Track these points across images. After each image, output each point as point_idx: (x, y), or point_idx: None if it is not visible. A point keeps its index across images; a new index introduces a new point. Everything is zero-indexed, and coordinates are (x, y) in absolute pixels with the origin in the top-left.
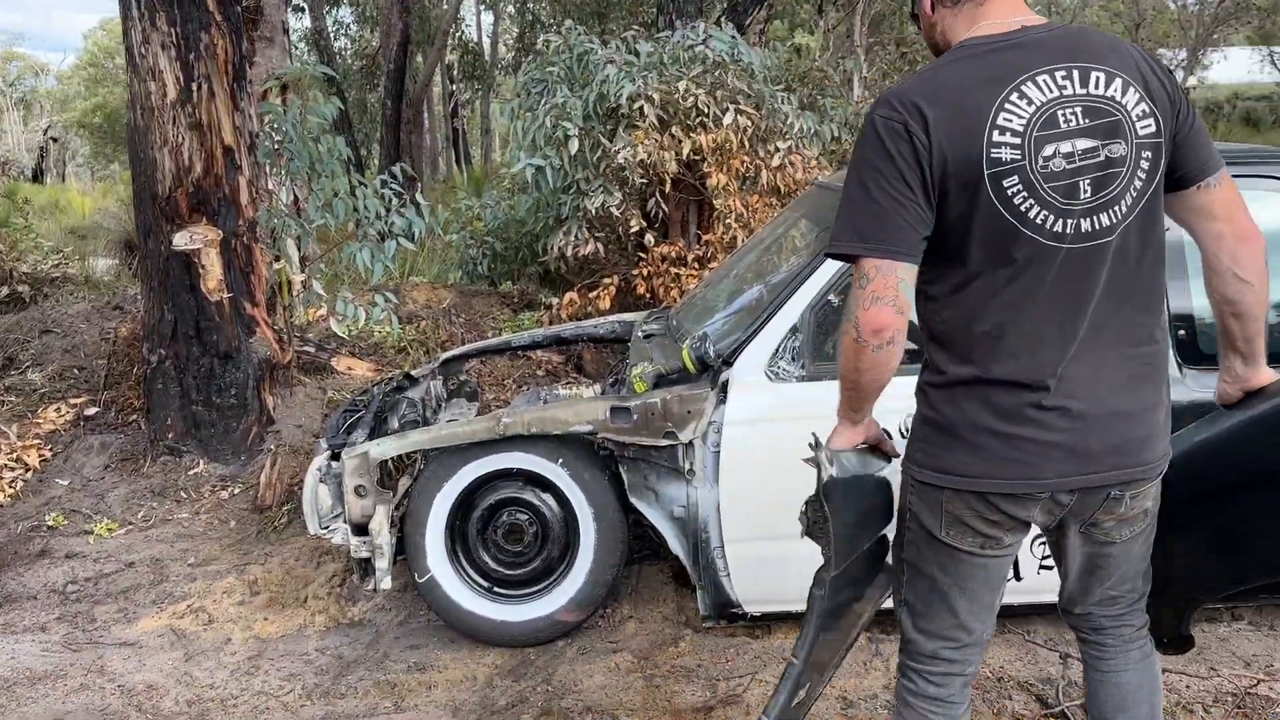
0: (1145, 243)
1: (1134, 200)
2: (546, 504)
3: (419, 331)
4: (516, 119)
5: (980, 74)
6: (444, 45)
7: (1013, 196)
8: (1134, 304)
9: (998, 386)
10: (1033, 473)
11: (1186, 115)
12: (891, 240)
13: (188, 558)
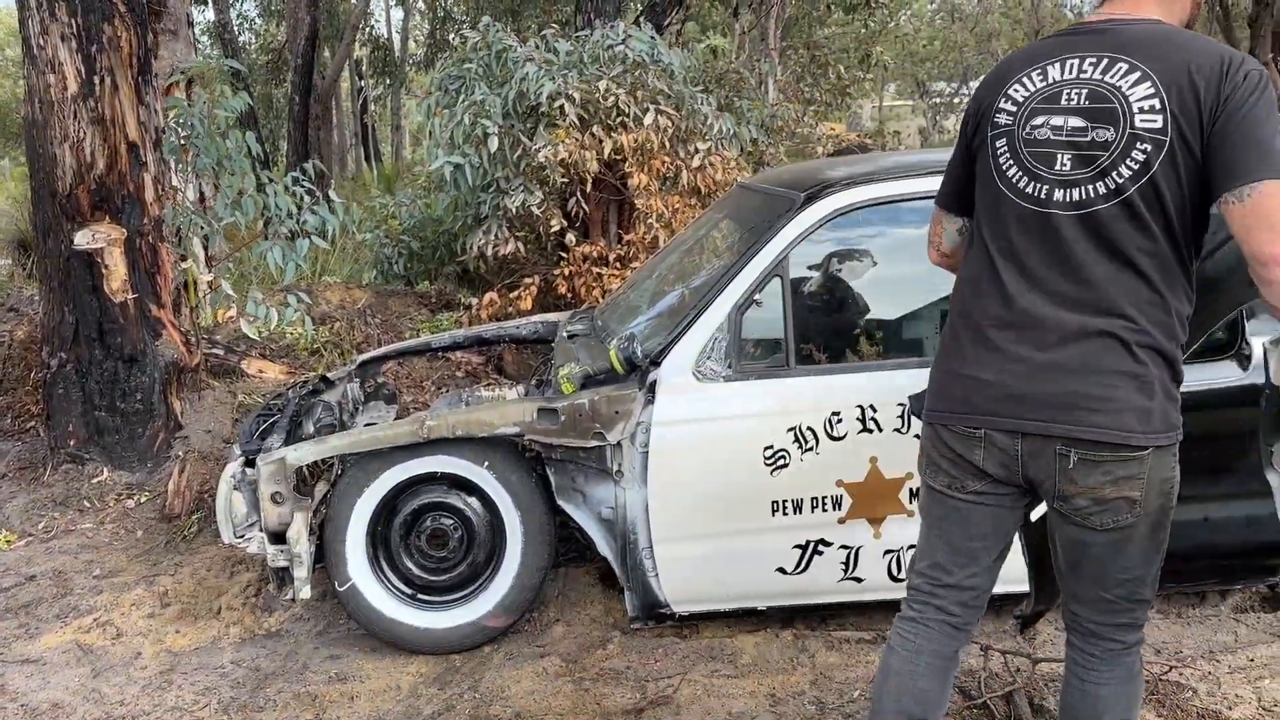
0: (1133, 227)
1: (1118, 185)
2: (472, 508)
3: (333, 333)
4: (433, 116)
5: (1036, 53)
6: (353, 40)
7: (999, 157)
8: (1106, 277)
9: (957, 326)
10: (964, 407)
11: (1223, 122)
12: (942, 190)
13: (93, 569)
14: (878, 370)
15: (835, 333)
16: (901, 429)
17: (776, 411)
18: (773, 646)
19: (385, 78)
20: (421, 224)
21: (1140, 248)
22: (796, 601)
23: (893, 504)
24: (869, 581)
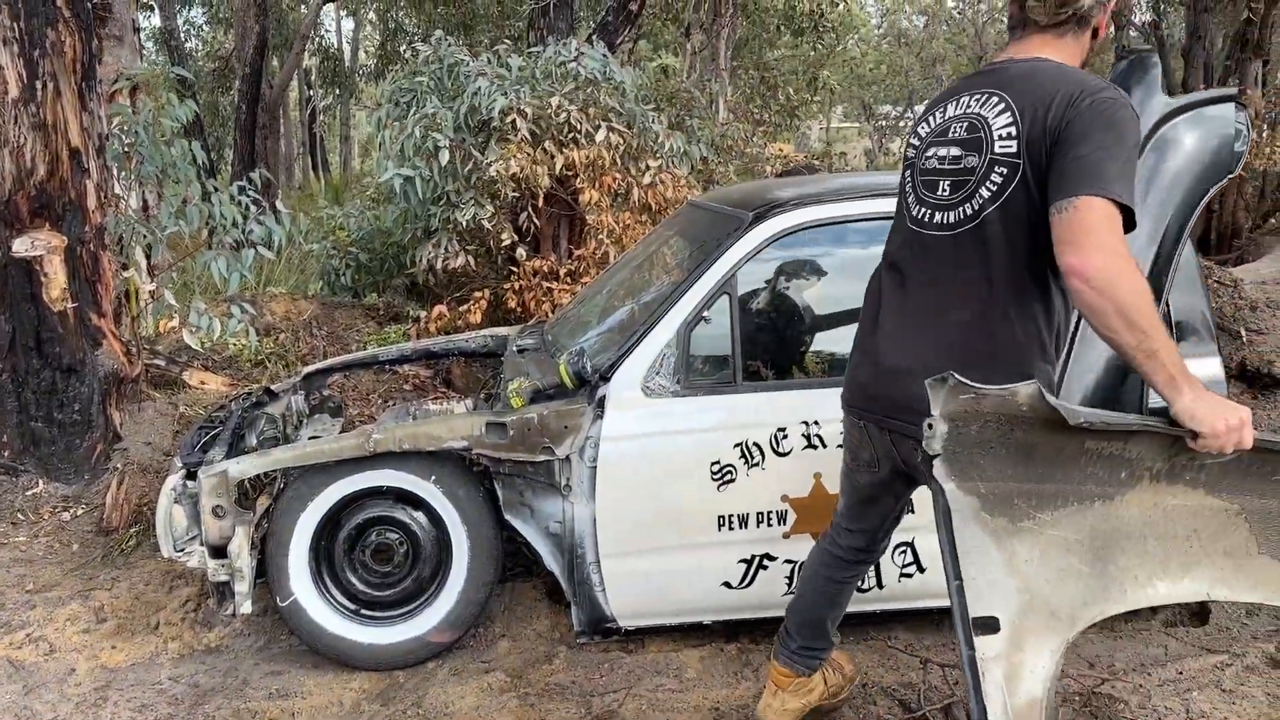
0: (989, 245)
1: (979, 206)
2: (418, 522)
3: (277, 344)
4: (384, 128)
5: (946, 92)
6: (302, 50)
7: (905, 185)
8: (962, 291)
9: (862, 332)
10: (849, 400)
11: (1060, 143)
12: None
13: (25, 584)
14: (822, 387)
15: (781, 350)
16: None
17: (723, 427)
18: (717, 661)
19: (334, 88)
20: (370, 236)
21: (996, 263)
22: (742, 616)
23: None
24: None
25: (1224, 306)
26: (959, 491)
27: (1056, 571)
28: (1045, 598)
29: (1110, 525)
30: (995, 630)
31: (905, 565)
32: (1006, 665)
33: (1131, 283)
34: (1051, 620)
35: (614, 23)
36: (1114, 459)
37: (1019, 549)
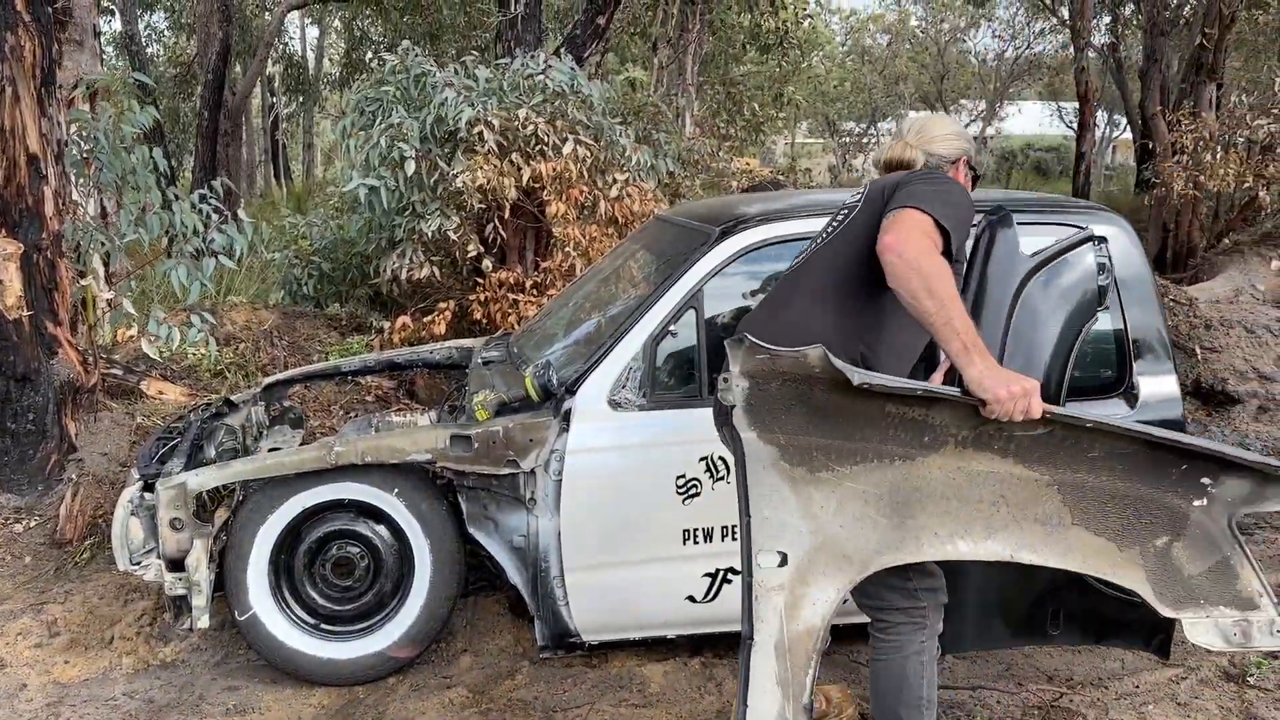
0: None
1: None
2: (379, 536)
3: (237, 355)
4: (349, 137)
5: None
6: (266, 57)
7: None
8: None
9: None
10: None
11: (891, 202)
12: None
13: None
14: None
15: None
16: None
17: (689, 441)
18: (681, 676)
19: (298, 95)
20: (333, 245)
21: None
22: (706, 630)
23: None
24: None
25: (1180, 324)
26: (758, 441)
27: (852, 520)
28: (838, 542)
29: (911, 484)
30: (783, 564)
31: None
32: (789, 595)
33: (934, 261)
34: (843, 562)
35: (582, 36)
36: (916, 423)
37: (815, 496)
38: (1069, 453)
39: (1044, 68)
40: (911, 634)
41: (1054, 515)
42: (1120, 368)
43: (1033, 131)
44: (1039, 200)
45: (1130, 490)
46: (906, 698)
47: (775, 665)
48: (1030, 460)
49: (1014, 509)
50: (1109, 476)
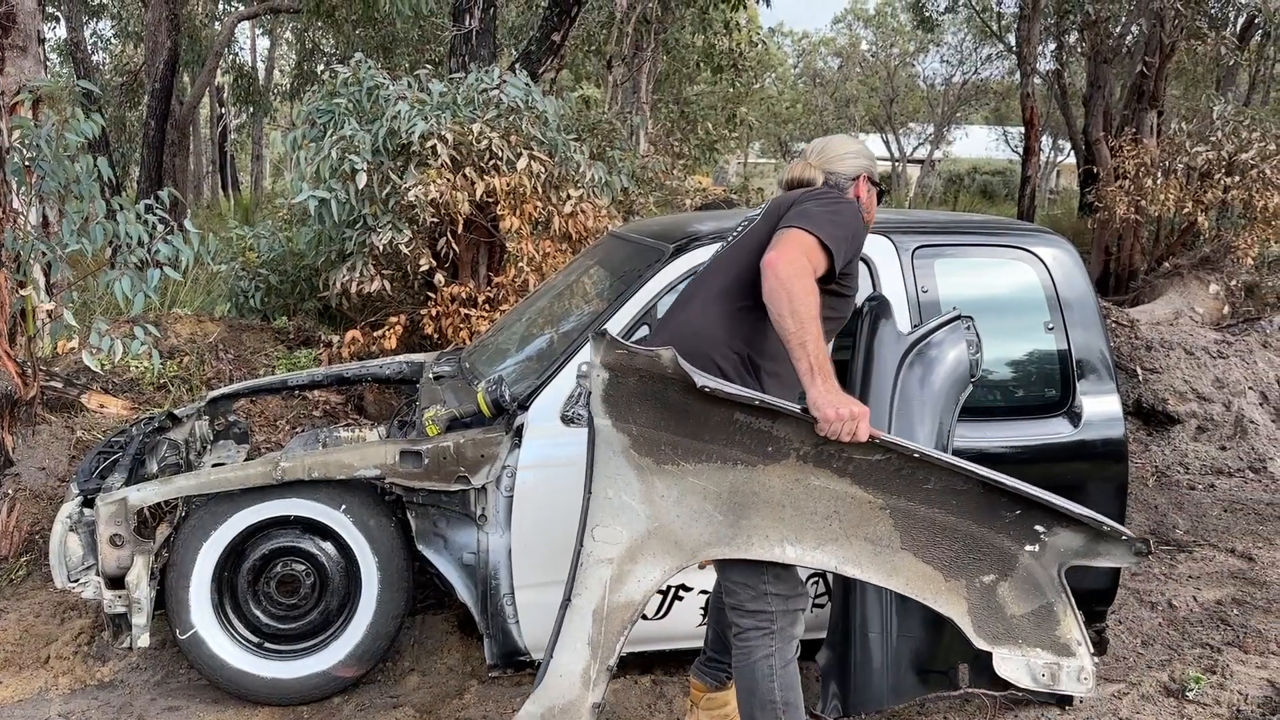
0: (729, 267)
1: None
2: (326, 553)
3: (182, 367)
4: (299, 149)
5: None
6: (215, 67)
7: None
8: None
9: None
10: None
11: (783, 220)
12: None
13: None
14: None
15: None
16: None
17: None
18: (631, 694)
19: (248, 106)
20: (281, 257)
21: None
22: (657, 647)
23: None
24: None
25: (1121, 346)
26: (612, 428)
27: (690, 512)
28: (673, 529)
29: (751, 488)
30: (617, 541)
31: (817, 596)
32: (617, 569)
33: (805, 284)
34: (673, 548)
35: (537, 52)
36: (761, 433)
37: (658, 485)
38: (905, 482)
39: (991, 93)
40: (759, 639)
41: (884, 537)
42: (1064, 387)
43: (979, 155)
44: (985, 223)
45: (962, 526)
46: (759, 699)
47: (590, 628)
48: (866, 483)
49: (846, 525)
50: (943, 510)
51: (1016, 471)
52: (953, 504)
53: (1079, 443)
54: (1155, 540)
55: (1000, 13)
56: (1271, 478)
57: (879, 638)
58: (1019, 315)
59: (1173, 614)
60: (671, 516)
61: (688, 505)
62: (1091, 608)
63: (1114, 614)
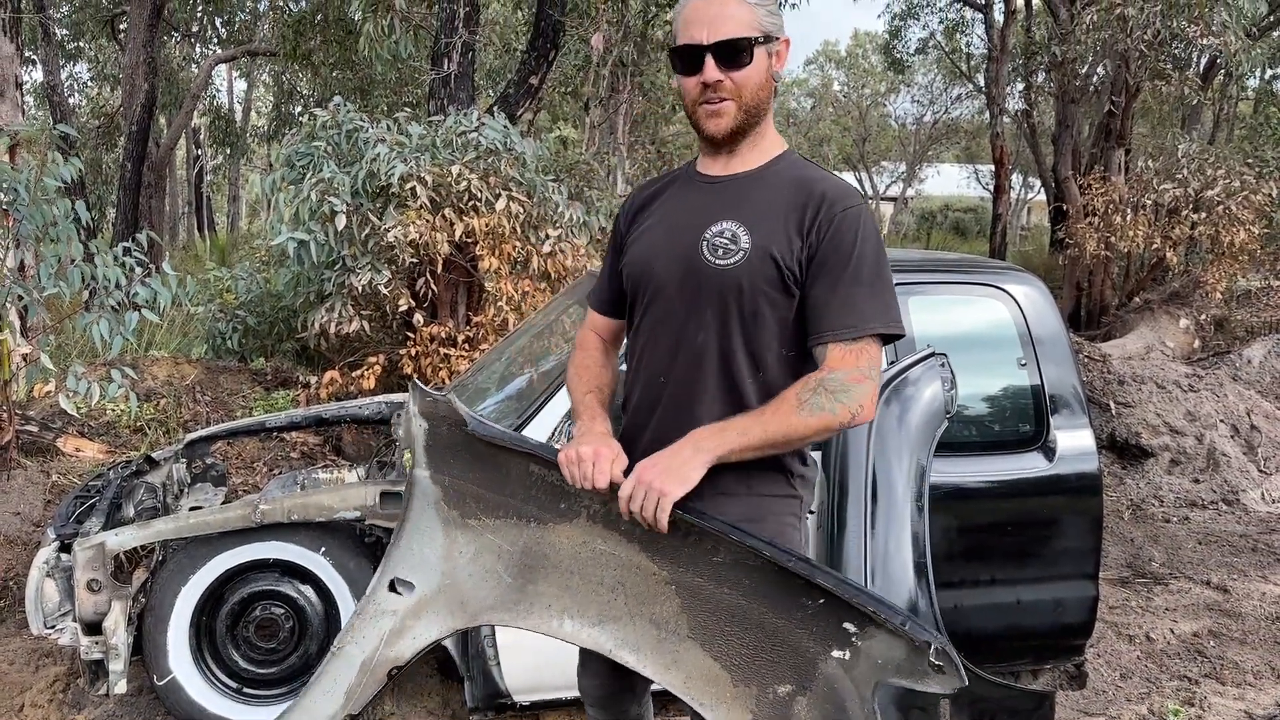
0: None
1: None
2: (305, 596)
3: (158, 410)
4: (278, 191)
5: None
6: (192, 110)
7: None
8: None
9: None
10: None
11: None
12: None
13: None
14: None
15: None
16: None
17: None
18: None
19: (225, 148)
20: (259, 299)
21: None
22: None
23: None
24: None
25: (1094, 380)
26: (428, 480)
27: (482, 570)
28: (461, 589)
29: (542, 549)
30: (406, 593)
31: None
32: (398, 623)
33: (580, 349)
34: (458, 608)
35: (515, 95)
36: (554, 488)
37: (459, 540)
38: (692, 550)
39: (961, 131)
40: None
41: (671, 620)
42: (1038, 422)
43: (951, 192)
44: (958, 261)
45: (754, 613)
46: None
47: (354, 678)
48: (652, 549)
49: (631, 601)
50: (733, 590)
51: (993, 507)
52: (745, 584)
53: (1054, 477)
54: (1132, 573)
55: (969, 54)
56: (1244, 509)
57: None
58: (992, 352)
59: (1150, 646)
60: (464, 575)
61: (480, 564)
62: (1070, 642)
63: (1092, 647)
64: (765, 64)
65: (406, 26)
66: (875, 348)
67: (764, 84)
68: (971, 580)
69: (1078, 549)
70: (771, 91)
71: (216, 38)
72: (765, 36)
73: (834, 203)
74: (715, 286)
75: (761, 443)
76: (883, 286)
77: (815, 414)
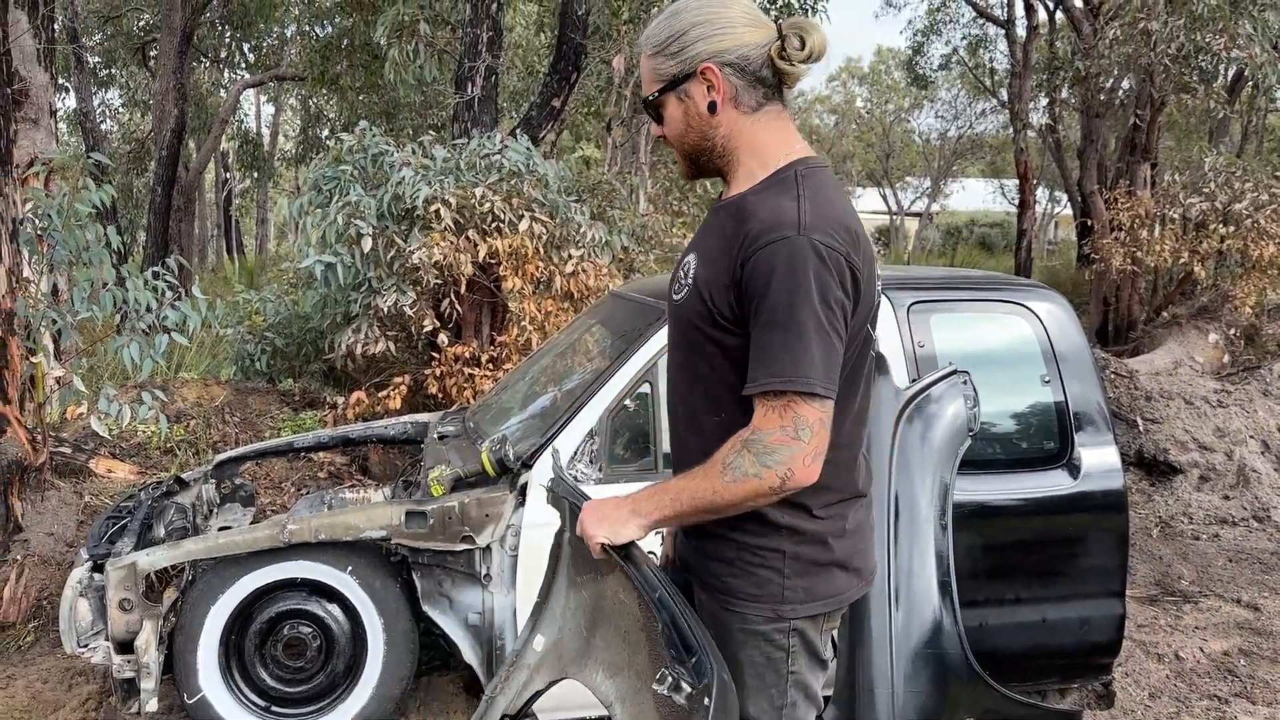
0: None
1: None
2: (332, 615)
3: (188, 431)
4: (306, 214)
5: (849, 210)
6: (221, 134)
7: (874, 336)
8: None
9: (858, 503)
10: (867, 577)
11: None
12: (835, 385)
13: None
14: None
15: None
16: None
17: None
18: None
19: (253, 171)
20: (287, 320)
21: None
22: None
23: None
24: None
25: (1121, 396)
26: (567, 543)
27: (574, 626)
28: (563, 643)
29: (598, 601)
30: (541, 651)
31: None
32: (529, 677)
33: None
34: (556, 661)
35: (538, 118)
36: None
37: (571, 599)
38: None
39: (986, 146)
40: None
41: (641, 669)
42: (1062, 440)
43: (977, 207)
44: (980, 278)
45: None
46: None
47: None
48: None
49: (629, 650)
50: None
51: (1018, 525)
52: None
53: (1079, 494)
54: (1161, 592)
55: (993, 69)
56: (1276, 526)
57: (885, 693)
58: (1015, 369)
59: (1180, 665)
60: (567, 630)
61: (573, 620)
62: (1097, 660)
63: (1120, 666)
64: (682, 107)
65: (431, 51)
66: (805, 406)
67: (690, 126)
68: (997, 599)
69: (1104, 567)
70: (710, 124)
71: (244, 63)
72: (671, 82)
73: (755, 239)
74: (675, 320)
75: (691, 510)
76: (797, 333)
77: (740, 480)
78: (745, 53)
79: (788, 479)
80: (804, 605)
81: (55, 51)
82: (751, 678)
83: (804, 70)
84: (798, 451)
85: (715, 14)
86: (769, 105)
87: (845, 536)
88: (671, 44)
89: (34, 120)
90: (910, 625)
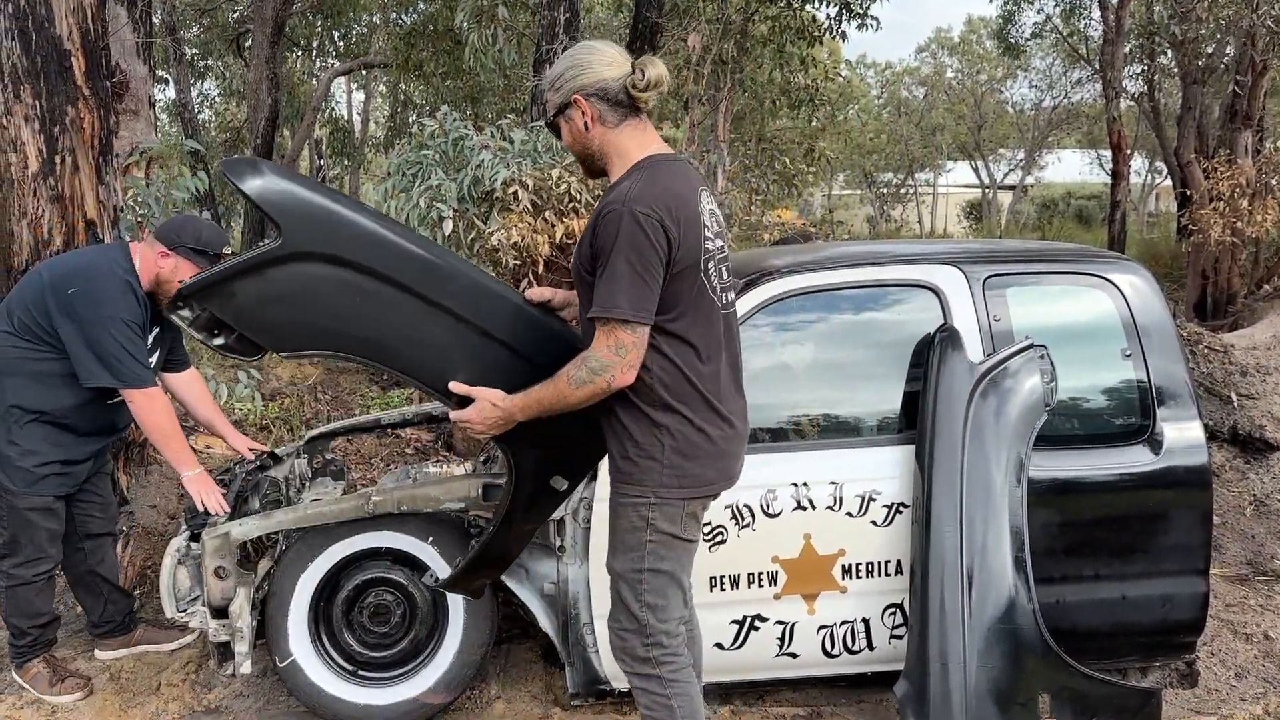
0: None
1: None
2: (415, 583)
3: (282, 409)
4: (390, 199)
5: (684, 185)
6: (313, 121)
7: (710, 275)
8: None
9: (717, 415)
10: (728, 474)
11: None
12: (652, 311)
13: None
14: (812, 450)
15: (772, 413)
16: (834, 507)
17: None
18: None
19: (344, 158)
20: None
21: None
22: (733, 678)
23: (826, 580)
24: (804, 657)
25: (1214, 371)
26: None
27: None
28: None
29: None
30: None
31: (895, 627)
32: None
33: None
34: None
35: None
36: None
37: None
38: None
39: (1082, 116)
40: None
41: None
42: (1144, 415)
43: (1073, 179)
44: (1060, 251)
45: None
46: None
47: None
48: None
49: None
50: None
51: (1098, 501)
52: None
53: (1161, 470)
54: (1253, 571)
55: (1088, 35)
56: None
57: (958, 668)
58: (1095, 343)
59: (1269, 646)
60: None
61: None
62: (1179, 639)
63: (1205, 646)
64: (569, 126)
65: (510, 35)
66: (621, 331)
67: (575, 139)
68: (1075, 575)
69: (1186, 544)
70: (587, 138)
71: (334, 51)
72: (558, 109)
73: (599, 211)
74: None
75: (550, 408)
76: (616, 277)
77: (579, 386)
78: (604, 85)
79: (613, 382)
80: (669, 489)
81: (154, 44)
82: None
83: (650, 94)
84: (617, 363)
85: (583, 59)
86: (629, 120)
87: (691, 439)
88: (556, 82)
89: (134, 111)
90: (984, 600)
